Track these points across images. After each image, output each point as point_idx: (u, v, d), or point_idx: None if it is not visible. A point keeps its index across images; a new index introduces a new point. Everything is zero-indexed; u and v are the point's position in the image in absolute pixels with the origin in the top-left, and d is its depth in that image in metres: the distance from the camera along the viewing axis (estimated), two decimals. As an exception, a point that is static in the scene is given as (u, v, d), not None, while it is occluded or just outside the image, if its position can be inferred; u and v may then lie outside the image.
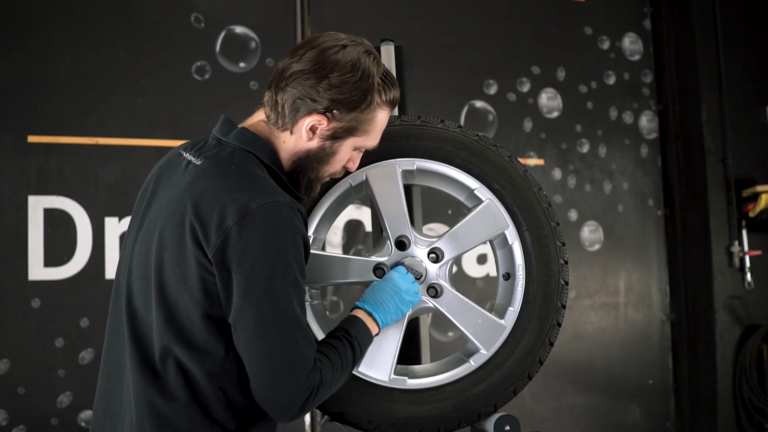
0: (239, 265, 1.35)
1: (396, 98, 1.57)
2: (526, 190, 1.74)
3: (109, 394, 1.50)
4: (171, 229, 1.42)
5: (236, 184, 1.40)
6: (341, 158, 1.56)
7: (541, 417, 3.95)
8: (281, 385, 1.36)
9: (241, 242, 1.34)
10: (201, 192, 1.40)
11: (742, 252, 4.13)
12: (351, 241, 3.69)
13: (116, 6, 3.43)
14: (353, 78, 1.47)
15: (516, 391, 1.72)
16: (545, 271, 1.72)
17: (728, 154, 4.18)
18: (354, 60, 1.48)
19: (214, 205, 1.37)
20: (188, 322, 1.40)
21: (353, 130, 1.52)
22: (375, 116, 1.53)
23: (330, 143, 1.52)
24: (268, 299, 1.35)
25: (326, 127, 1.50)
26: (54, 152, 3.28)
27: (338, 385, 1.48)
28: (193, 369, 1.41)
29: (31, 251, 3.21)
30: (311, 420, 3.53)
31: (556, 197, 4.08)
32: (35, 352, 3.17)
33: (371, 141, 1.58)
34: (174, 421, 1.40)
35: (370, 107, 1.51)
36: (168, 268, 1.41)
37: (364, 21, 3.79)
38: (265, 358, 1.36)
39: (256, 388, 1.38)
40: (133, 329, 1.46)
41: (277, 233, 1.37)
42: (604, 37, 4.28)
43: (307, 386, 1.37)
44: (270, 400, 1.38)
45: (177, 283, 1.40)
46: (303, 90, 1.47)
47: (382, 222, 1.72)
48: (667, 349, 4.29)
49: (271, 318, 1.35)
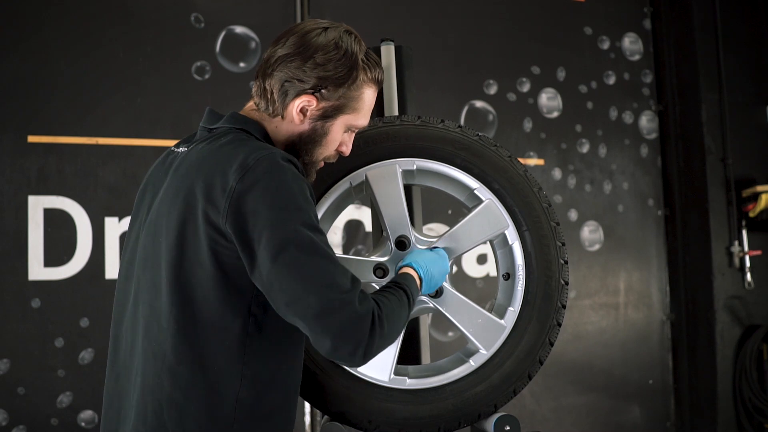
0: (254, 223, 1.34)
1: (381, 77, 1.59)
2: (526, 190, 1.74)
3: (119, 397, 1.48)
4: (176, 213, 1.41)
5: (230, 150, 1.41)
6: (333, 139, 1.56)
7: (541, 417, 3.95)
8: (337, 315, 1.32)
9: (250, 199, 1.34)
10: (198, 169, 1.41)
11: (742, 252, 4.13)
12: (351, 241, 3.69)
13: (116, 6, 3.43)
14: (337, 55, 1.50)
15: (516, 391, 1.72)
16: (545, 271, 1.72)
17: (728, 154, 4.18)
18: (336, 39, 1.51)
19: (214, 175, 1.38)
20: (205, 301, 1.39)
21: (343, 107, 1.53)
22: (362, 93, 1.55)
23: (321, 123, 1.54)
24: (292, 242, 1.33)
25: (316, 107, 1.52)
26: (54, 152, 3.28)
27: (400, 323, 1.46)
28: (211, 352, 1.39)
29: (31, 251, 3.21)
30: (311, 420, 3.53)
31: (556, 197, 4.08)
32: (35, 352, 3.17)
33: (361, 120, 1.58)
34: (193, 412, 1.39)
35: (356, 83, 1.53)
36: (178, 251, 1.40)
37: (364, 21, 3.79)
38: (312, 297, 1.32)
39: (317, 336, 1.34)
40: (145, 324, 1.44)
41: (282, 181, 1.36)
42: (604, 37, 4.28)
43: (363, 314, 1.34)
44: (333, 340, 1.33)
45: (190, 263, 1.39)
46: (289, 72, 1.50)
47: (382, 222, 1.72)
48: (667, 349, 4.29)
49: (302, 257, 1.33)
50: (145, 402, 1.42)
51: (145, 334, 1.44)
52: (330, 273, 1.34)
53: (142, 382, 1.43)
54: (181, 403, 1.39)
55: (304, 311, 1.33)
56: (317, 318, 1.32)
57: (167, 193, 1.45)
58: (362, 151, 1.72)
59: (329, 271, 1.34)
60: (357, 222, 3.70)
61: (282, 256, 1.32)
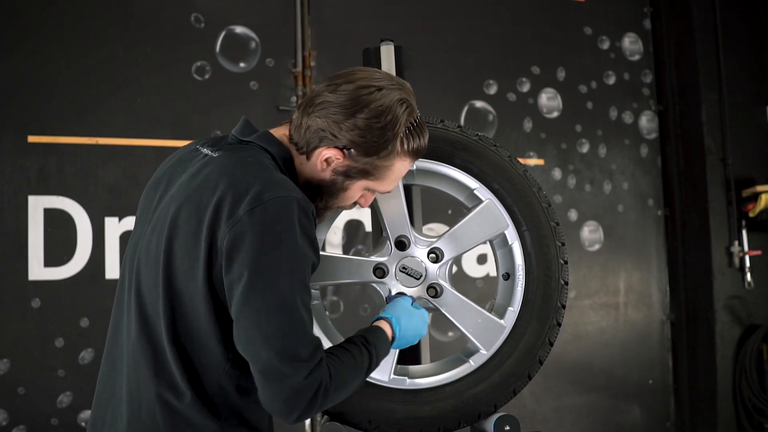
0: (245, 256, 1.33)
1: (421, 148, 1.55)
2: (526, 190, 1.74)
3: (113, 385, 1.49)
4: (184, 219, 1.41)
5: (252, 175, 1.39)
6: (351, 196, 1.56)
7: (541, 417, 3.95)
8: (279, 382, 1.32)
9: (250, 233, 1.34)
10: (216, 182, 1.40)
11: (742, 252, 4.13)
12: (351, 241, 3.69)
13: (116, 6, 3.43)
14: (378, 124, 1.47)
15: (516, 391, 1.72)
16: (545, 271, 1.72)
17: (728, 154, 4.18)
18: (386, 106, 1.47)
19: (228, 195, 1.37)
20: (193, 313, 1.40)
21: (367, 173, 1.52)
22: (392, 164, 1.52)
23: (342, 179, 1.53)
24: (270, 291, 1.33)
25: (341, 163, 1.50)
26: (54, 152, 3.28)
27: (350, 389, 1.45)
28: (197, 363, 1.41)
29: (31, 251, 3.21)
30: (311, 420, 3.53)
31: (556, 197, 4.08)
32: (35, 352, 3.17)
33: (385, 186, 1.56)
34: (186, 414, 1.40)
35: (389, 156, 1.50)
36: (177, 257, 1.41)
37: (364, 21, 3.79)
38: (263, 352, 1.32)
39: (258, 384, 1.36)
40: (142, 320, 1.45)
41: (287, 228, 1.35)
42: (604, 37, 4.28)
43: (307, 388, 1.33)
44: (269, 399, 1.35)
45: (185, 273, 1.40)
46: (327, 123, 1.48)
47: (382, 222, 1.72)
48: (667, 349, 4.29)
49: (271, 310, 1.32)
50: (140, 399, 1.43)
51: (142, 329, 1.44)
52: (292, 339, 1.33)
53: (137, 378, 1.44)
54: (175, 404, 1.40)
55: (253, 360, 1.34)
56: (261, 374, 1.34)
57: (181, 195, 1.45)
58: (362, 151, 1.71)
59: (292, 337, 1.33)
60: (357, 222, 3.70)
61: (255, 301, 1.33)
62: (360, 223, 3.70)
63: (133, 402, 1.44)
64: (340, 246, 3.67)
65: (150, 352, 1.43)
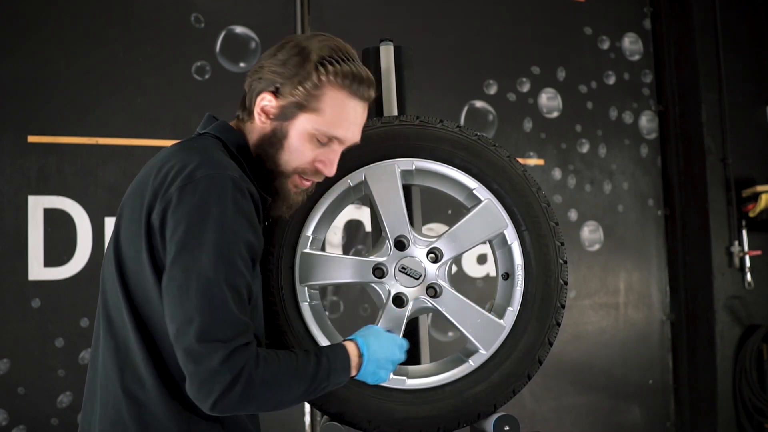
0: (173, 231, 1.33)
1: (355, 74, 1.49)
2: (525, 190, 1.74)
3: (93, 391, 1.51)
4: (128, 207, 1.44)
5: (189, 157, 1.40)
6: (295, 145, 1.50)
7: (541, 417, 3.95)
8: (193, 362, 1.29)
9: (179, 208, 1.33)
10: (157, 167, 1.42)
11: (742, 252, 4.13)
12: (351, 241, 3.69)
13: (116, 6, 3.43)
14: (296, 55, 1.49)
15: (515, 391, 1.72)
16: (544, 270, 1.72)
17: (728, 154, 4.18)
18: (307, 42, 1.50)
19: (167, 176, 1.38)
20: (146, 300, 1.40)
21: (300, 106, 1.48)
22: (324, 93, 1.48)
23: (280, 123, 1.50)
24: (193, 268, 1.30)
25: (274, 105, 1.50)
26: (54, 152, 3.28)
27: (284, 392, 1.38)
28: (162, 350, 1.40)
29: (31, 251, 3.21)
30: (311, 420, 3.54)
31: (556, 197, 4.08)
32: (35, 352, 3.17)
33: (331, 126, 1.49)
34: (150, 406, 1.39)
35: (315, 81, 1.47)
36: (125, 245, 1.42)
37: (364, 21, 3.79)
38: (181, 330, 1.30)
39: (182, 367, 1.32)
40: (106, 317, 1.47)
41: (217, 205, 1.33)
42: (604, 37, 4.28)
43: (224, 370, 1.28)
44: (188, 381, 1.31)
45: (133, 259, 1.41)
46: (256, 73, 1.53)
47: (381, 222, 1.72)
48: (667, 349, 4.29)
49: (192, 287, 1.30)
50: (108, 394, 1.44)
51: (108, 327, 1.46)
52: (211, 318, 1.30)
53: (105, 375, 1.45)
54: (141, 397, 1.40)
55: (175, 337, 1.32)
56: (181, 352, 1.31)
57: (132, 187, 1.48)
58: (361, 151, 1.71)
59: (211, 317, 1.30)
60: (357, 222, 3.70)
61: (180, 277, 1.31)
62: (360, 223, 3.70)
63: (104, 399, 1.45)
64: (340, 246, 3.67)
65: (114, 346, 1.44)
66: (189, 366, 1.30)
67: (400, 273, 1.71)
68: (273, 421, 3.52)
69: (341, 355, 1.49)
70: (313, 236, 1.73)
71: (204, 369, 1.29)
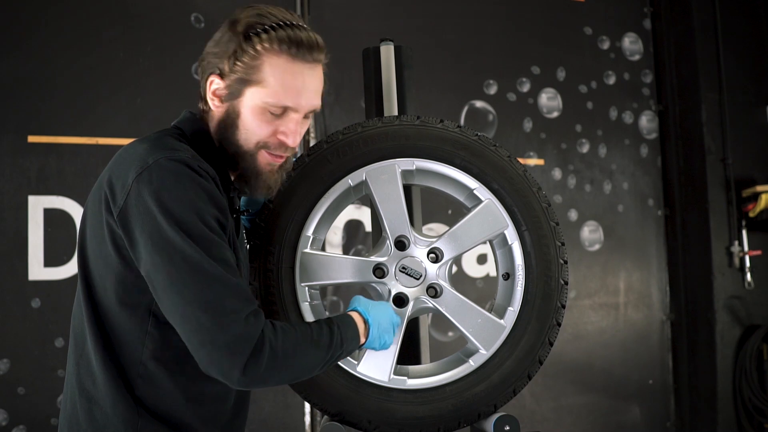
0: (142, 222, 1.31)
1: (291, 36, 1.42)
2: (526, 190, 1.74)
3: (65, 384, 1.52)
4: (91, 204, 1.43)
5: (142, 146, 1.40)
6: (249, 121, 1.45)
7: (541, 417, 3.95)
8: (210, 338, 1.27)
9: (140, 198, 1.31)
10: (114, 161, 1.42)
11: (742, 252, 4.13)
12: (351, 241, 3.69)
13: (116, 6, 3.43)
14: (228, 31, 1.46)
15: (516, 391, 1.72)
16: (545, 271, 1.72)
17: (728, 154, 4.18)
18: (237, 14, 1.47)
19: (122, 168, 1.37)
20: (104, 292, 1.39)
21: (243, 81, 1.43)
22: (262, 63, 1.42)
23: (230, 104, 1.46)
24: (174, 253, 1.29)
25: (222, 85, 1.46)
26: (54, 152, 3.28)
27: (306, 362, 1.40)
28: (112, 344, 1.39)
29: (31, 251, 3.21)
30: (311, 420, 3.53)
31: (556, 197, 4.08)
32: (35, 352, 3.17)
33: (276, 96, 1.43)
34: (100, 401, 1.39)
35: (250, 52, 1.42)
36: (88, 238, 1.43)
37: (364, 21, 3.79)
38: (186, 314, 1.28)
39: (192, 350, 1.31)
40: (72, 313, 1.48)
41: (174, 187, 1.32)
42: (604, 37, 4.28)
43: (244, 338, 1.28)
44: (206, 360, 1.29)
45: (95, 254, 1.40)
46: (201, 60, 1.52)
47: (382, 222, 1.72)
48: (667, 349, 4.29)
49: (182, 271, 1.28)
50: (67, 389, 1.45)
51: (72, 323, 1.47)
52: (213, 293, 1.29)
53: (66, 369, 1.47)
54: (92, 392, 1.40)
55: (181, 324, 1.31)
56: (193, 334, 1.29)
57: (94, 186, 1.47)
58: (361, 151, 1.71)
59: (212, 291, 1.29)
60: (357, 222, 3.70)
61: (165, 266, 1.30)
62: (360, 223, 3.70)
63: (64, 396, 1.46)
64: (340, 246, 3.67)
65: (74, 342, 1.45)
66: (206, 344, 1.28)
67: (400, 273, 1.71)
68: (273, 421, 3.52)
69: (350, 323, 1.51)
70: (314, 236, 1.73)
71: (223, 341, 1.27)
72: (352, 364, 1.70)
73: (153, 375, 1.39)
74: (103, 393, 1.38)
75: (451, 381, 1.72)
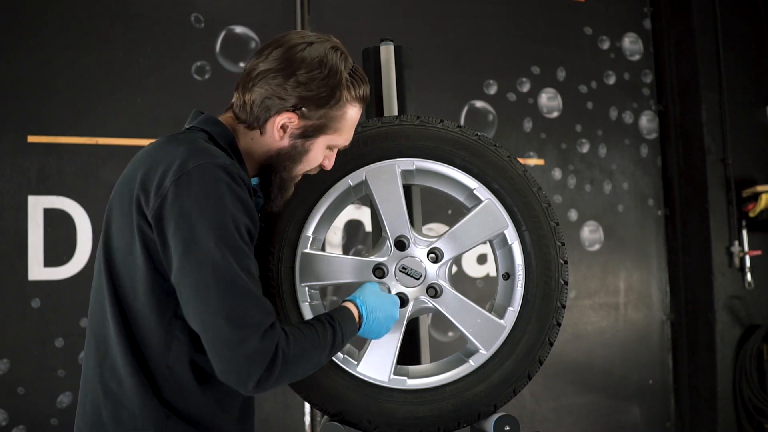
0: (176, 226, 1.32)
1: (366, 94, 1.56)
2: (526, 190, 1.74)
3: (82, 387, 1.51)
4: (117, 201, 1.43)
5: (177, 149, 1.39)
6: (314, 157, 1.55)
7: (541, 417, 3.95)
8: (229, 349, 1.30)
9: (177, 202, 1.33)
10: (143, 161, 1.43)
11: (742, 252, 4.13)
12: (351, 241, 3.69)
13: (116, 6, 3.43)
14: (320, 75, 1.47)
15: (516, 391, 1.72)
16: (545, 271, 1.72)
17: (728, 154, 4.18)
18: (321, 56, 1.48)
19: (157, 170, 1.37)
20: (133, 293, 1.39)
21: (323, 127, 1.52)
22: (345, 113, 1.52)
23: (301, 142, 1.52)
24: (205, 260, 1.31)
25: (296, 125, 1.50)
26: (54, 152, 3.28)
27: (312, 363, 1.43)
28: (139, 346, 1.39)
29: (31, 251, 3.21)
30: (311, 420, 3.53)
31: (556, 197, 4.08)
32: (35, 352, 3.17)
33: (343, 139, 1.57)
34: (127, 403, 1.38)
35: (339, 103, 1.50)
36: (115, 238, 1.42)
37: (364, 21, 3.79)
38: (209, 321, 1.30)
39: (211, 356, 1.33)
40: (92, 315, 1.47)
41: (214, 194, 1.33)
42: (604, 37, 4.28)
43: (262, 352, 1.31)
44: (223, 368, 1.32)
45: (123, 254, 1.40)
46: (270, 89, 1.47)
47: (382, 222, 1.72)
48: (667, 349, 4.29)
49: (210, 279, 1.30)
50: (86, 392, 1.43)
51: (91, 324, 1.46)
52: (238, 304, 1.31)
53: (85, 372, 1.45)
54: (118, 394, 1.39)
55: (203, 330, 1.32)
56: (213, 343, 1.31)
57: (119, 183, 1.47)
58: (361, 151, 1.71)
59: (237, 303, 1.31)
60: (357, 222, 3.70)
61: (194, 273, 1.31)
62: (360, 223, 3.70)
63: (83, 398, 1.45)
64: (340, 246, 3.67)
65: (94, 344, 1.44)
66: (225, 354, 1.30)
67: (400, 273, 1.71)
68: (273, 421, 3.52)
69: (349, 320, 1.54)
70: (314, 236, 1.73)
71: (242, 354, 1.30)
72: (352, 364, 1.70)
73: (180, 378, 1.41)
74: (131, 396, 1.38)
75: (451, 381, 1.72)
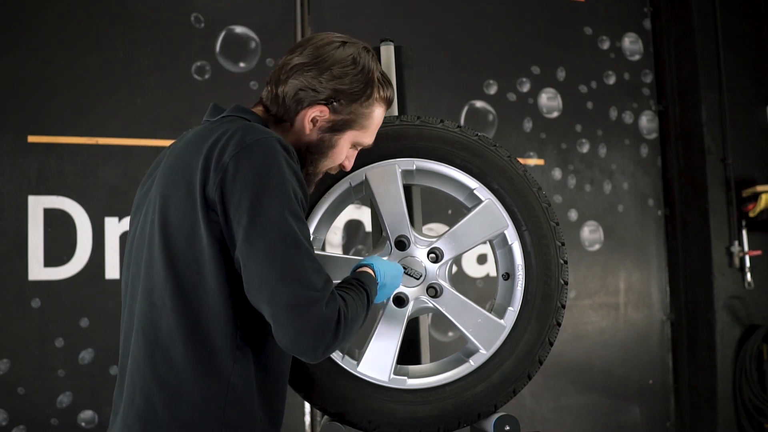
0: (240, 198, 1.34)
1: (392, 98, 1.61)
2: (526, 190, 1.74)
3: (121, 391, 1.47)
4: (172, 188, 1.41)
5: (229, 129, 1.42)
6: (340, 152, 1.58)
7: (541, 417, 3.95)
8: (299, 315, 1.31)
9: (240, 175, 1.35)
10: (195, 145, 1.42)
11: (742, 252, 4.13)
12: (351, 241, 3.69)
13: (116, 6, 3.43)
14: (354, 71, 1.52)
15: (516, 391, 1.72)
16: (545, 270, 1.72)
17: (728, 154, 4.18)
18: (354, 55, 1.53)
19: (213, 149, 1.39)
20: (200, 279, 1.38)
21: (352, 123, 1.55)
22: (373, 111, 1.57)
23: (329, 136, 1.55)
24: (272, 227, 1.33)
25: (327, 118, 1.53)
26: (54, 152, 3.28)
27: (359, 324, 1.45)
28: (205, 331, 1.38)
29: (31, 251, 3.21)
30: (311, 420, 3.53)
31: (556, 197, 4.08)
32: (35, 352, 3.17)
33: (368, 137, 1.61)
34: (185, 393, 1.37)
35: (369, 101, 1.55)
36: (174, 225, 1.40)
37: (364, 21, 3.80)
38: (277, 288, 1.31)
39: (278, 328, 1.33)
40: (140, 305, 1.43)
41: (274, 165, 1.36)
42: (604, 37, 4.28)
43: (329, 315, 1.33)
44: (292, 337, 1.32)
45: (186, 238, 1.39)
46: (305, 81, 1.51)
47: (382, 222, 1.72)
48: (667, 349, 4.29)
49: (278, 244, 1.32)
50: (134, 383, 1.40)
51: (139, 315, 1.43)
52: (305, 268, 1.33)
53: (132, 364, 1.42)
54: (173, 383, 1.38)
55: (271, 299, 1.32)
56: (283, 309, 1.31)
57: (163, 174, 1.46)
58: (362, 151, 1.72)
59: (305, 266, 1.33)
60: (357, 222, 3.70)
61: (261, 240, 1.32)
62: (360, 223, 3.70)
63: (130, 391, 1.42)
64: (340, 246, 3.67)
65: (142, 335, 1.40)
66: (295, 320, 1.31)
67: (400, 273, 1.71)
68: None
69: (373, 283, 1.56)
70: (314, 236, 1.74)
71: (314, 318, 1.32)
72: (352, 364, 1.70)
73: (244, 361, 1.41)
74: (191, 385, 1.37)
75: (451, 381, 1.72)
